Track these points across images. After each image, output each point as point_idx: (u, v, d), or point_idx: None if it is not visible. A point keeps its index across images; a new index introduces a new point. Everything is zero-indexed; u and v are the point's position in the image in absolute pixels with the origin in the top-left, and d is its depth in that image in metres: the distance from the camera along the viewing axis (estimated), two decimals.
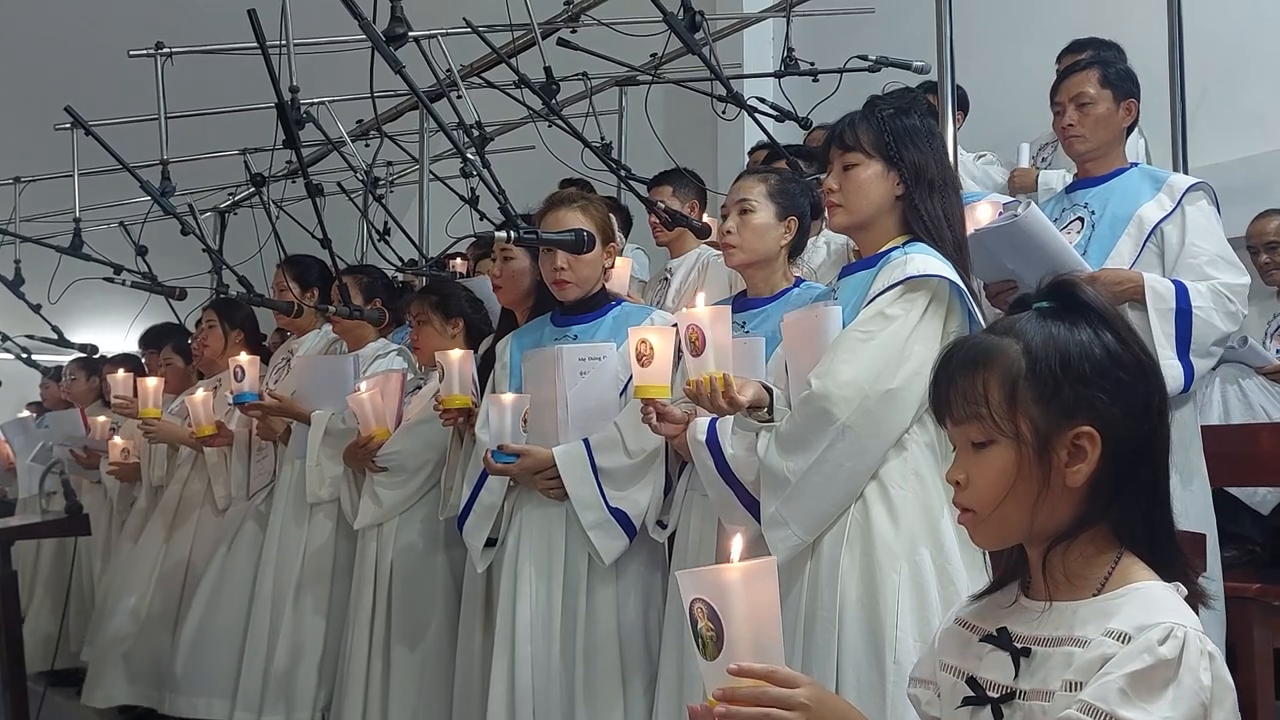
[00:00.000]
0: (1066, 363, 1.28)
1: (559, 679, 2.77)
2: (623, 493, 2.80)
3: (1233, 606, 2.85)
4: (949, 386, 1.33)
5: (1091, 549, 1.30)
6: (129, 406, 4.52)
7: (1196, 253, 2.89)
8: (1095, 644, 1.23)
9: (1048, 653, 1.28)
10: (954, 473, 1.33)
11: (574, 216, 2.88)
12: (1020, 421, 1.28)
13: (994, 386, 1.29)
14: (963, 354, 1.33)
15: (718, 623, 1.25)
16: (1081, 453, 1.27)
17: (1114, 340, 1.30)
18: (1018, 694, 1.29)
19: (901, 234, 2.30)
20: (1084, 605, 1.28)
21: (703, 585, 1.27)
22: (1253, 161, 4.51)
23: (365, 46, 3.00)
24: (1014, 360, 1.29)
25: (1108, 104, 3.04)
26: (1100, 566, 1.29)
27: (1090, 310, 1.31)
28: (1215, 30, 4.53)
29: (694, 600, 1.27)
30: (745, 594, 1.26)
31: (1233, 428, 3.22)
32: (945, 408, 1.34)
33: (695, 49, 3.43)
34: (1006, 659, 1.31)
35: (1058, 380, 1.27)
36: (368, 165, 5.06)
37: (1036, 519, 1.29)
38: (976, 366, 1.30)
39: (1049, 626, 1.29)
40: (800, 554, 2.20)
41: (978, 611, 1.42)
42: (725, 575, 1.26)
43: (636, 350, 2.29)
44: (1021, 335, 1.30)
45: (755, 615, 1.26)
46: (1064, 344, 1.28)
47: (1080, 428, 1.27)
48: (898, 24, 5.04)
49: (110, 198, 6.00)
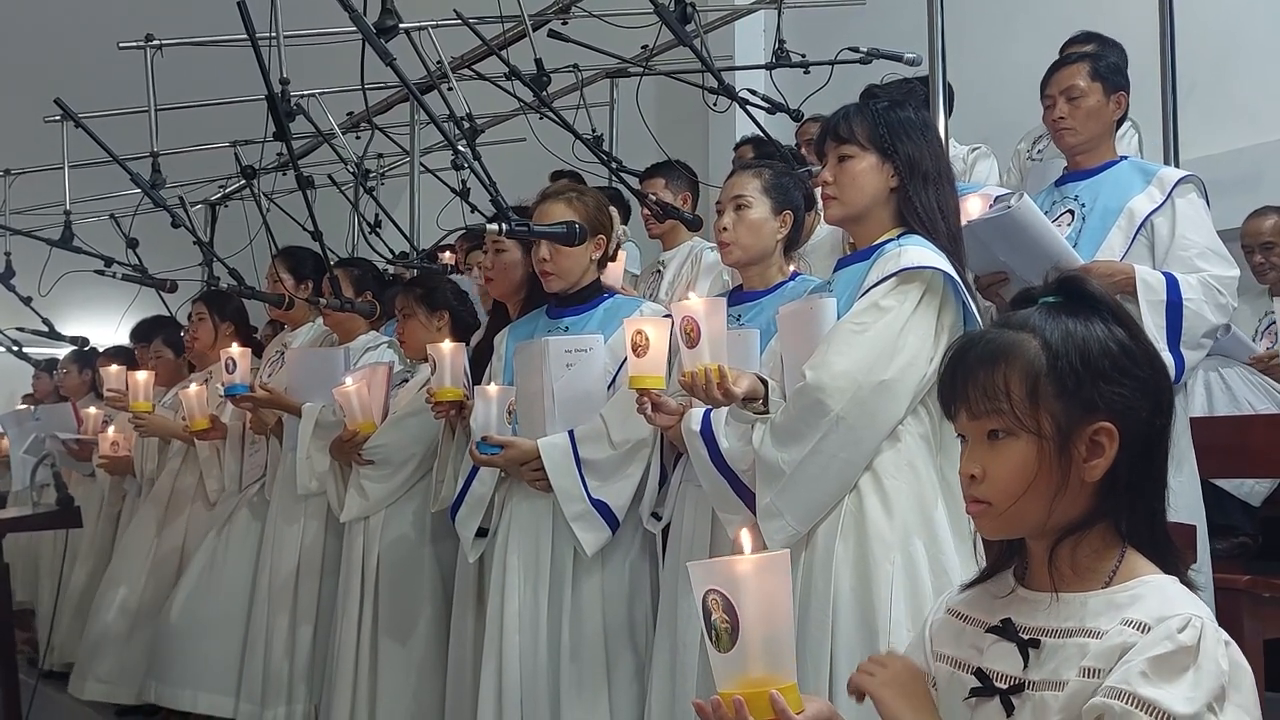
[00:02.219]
0: (1086, 359, 1.28)
1: (545, 671, 2.78)
2: (605, 484, 2.81)
3: (1222, 598, 2.86)
4: (968, 380, 1.32)
5: (1100, 542, 1.31)
6: (121, 400, 4.52)
7: (1187, 245, 2.90)
8: (1113, 633, 1.24)
9: (1058, 644, 1.29)
10: (969, 466, 1.33)
11: (562, 209, 2.88)
12: (1041, 417, 1.28)
13: (1015, 381, 1.29)
14: (981, 348, 1.33)
15: (733, 615, 1.26)
16: (1099, 448, 1.28)
17: (1126, 335, 1.31)
18: (1027, 685, 1.30)
19: (896, 226, 2.30)
20: (1093, 597, 1.29)
21: (718, 577, 1.28)
22: (1243, 154, 4.53)
23: (355, 38, 3.00)
24: (1035, 356, 1.29)
25: (1098, 97, 3.05)
26: (1107, 560, 1.31)
27: (1101, 305, 1.33)
28: (1205, 23, 4.53)
29: (708, 592, 1.27)
30: (760, 586, 1.26)
31: (1224, 419, 3.22)
32: (961, 401, 1.34)
33: (686, 41, 3.43)
34: (1013, 650, 1.32)
35: (1079, 376, 1.28)
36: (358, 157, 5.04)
37: (1053, 514, 1.30)
38: (997, 361, 1.31)
39: (1058, 618, 1.30)
40: (795, 544, 2.20)
41: (970, 601, 1.42)
42: (741, 567, 1.27)
43: (632, 341, 2.29)
44: (1038, 331, 1.31)
45: (769, 607, 1.27)
46: (1082, 340, 1.29)
47: (1100, 423, 1.28)
48: (889, 16, 5.04)
49: (101, 190, 5.97)
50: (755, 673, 1.27)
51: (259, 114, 3.48)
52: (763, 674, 1.27)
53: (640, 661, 2.81)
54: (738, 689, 1.28)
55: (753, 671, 1.27)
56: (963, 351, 1.36)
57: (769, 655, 1.28)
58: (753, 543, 1.31)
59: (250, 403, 3.90)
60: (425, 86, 3.75)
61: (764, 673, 1.27)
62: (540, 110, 3.63)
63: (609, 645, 2.81)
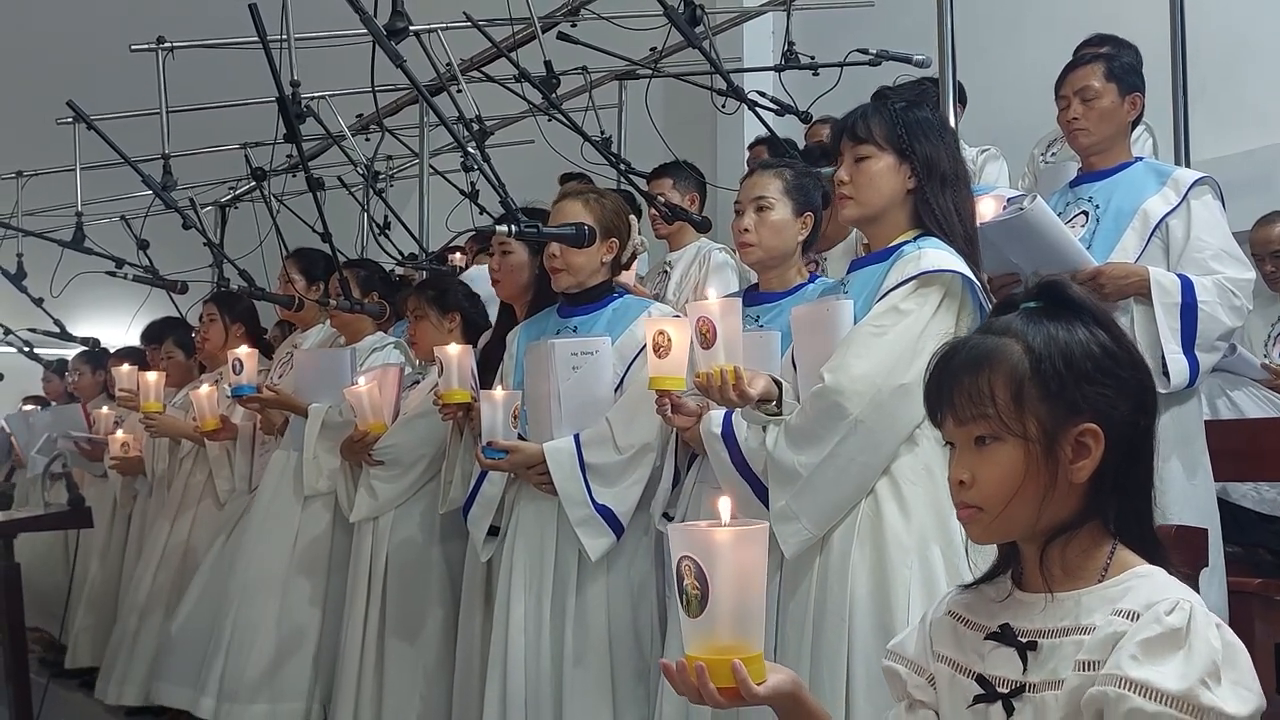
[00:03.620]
0: (1069, 361, 1.30)
1: (549, 674, 2.78)
2: (610, 489, 2.80)
3: (1234, 601, 2.86)
4: (953, 387, 1.34)
5: (1089, 541, 1.33)
6: (132, 400, 4.53)
7: (1201, 247, 2.89)
8: (1105, 624, 1.26)
9: (1055, 644, 1.30)
10: (957, 472, 1.34)
11: (578, 208, 2.88)
12: (1027, 420, 1.29)
13: (1000, 386, 1.30)
14: (964, 354, 1.34)
15: (704, 582, 1.27)
16: (1085, 449, 1.29)
17: (1108, 338, 1.33)
18: (1027, 687, 1.31)
19: (912, 228, 2.29)
20: (1087, 594, 1.31)
21: (693, 544, 1.29)
22: (1253, 155, 4.51)
23: (366, 40, 3.00)
24: (1018, 360, 1.30)
25: (1112, 98, 3.03)
26: (1098, 558, 1.32)
27: (1082, 309, 1.34)
28: (1216, 24, 4.53)
29: (682, 557, 1.29)
30: (733, 556, 1.27)
31: (1239, 422, 3.21)
32: (947, 407, 1.35)
33: (695, 43, 3.43)
34: (1013, 654, 1.33)
35: (1062, 378, 1.29)
36: (368, 159, 5.06)
37: (1042, 516, 1.31)
38: (980, 366, 1.32)
39: (1053, 618, 1.32)
40: (810, 548, 2.20)
41: (969, 604, 1.43)
42: (715, 536, 1.28)
43: (654, 341, 2.27)
44: (1020, 335, 1.32)
45: (741, 578, 1.28)
46: (1064, 343, 1.31)
47: (1084, 425, 1.29)
48: (898, 17, 5.03)
49: (112, 192, 5.99)
50: (723, 640, 1.29)
51: (269, 116, 3.49)
52: (729, 641, 1.28)
53: (644, 665, 2.81)
54: (703, 655, 1.29)
55: (720, 639, 1.29)
56: (946, 359, 1.37)
57: (737, 624, 1.29)
58: (731, 511, 1.31)
59: (257, 403, 3.90)
60: (435, 88, 3.75)
61: (731, 640, 1.29)
62: (549, 112, 3.63)
63: (613, 649, 2.80)
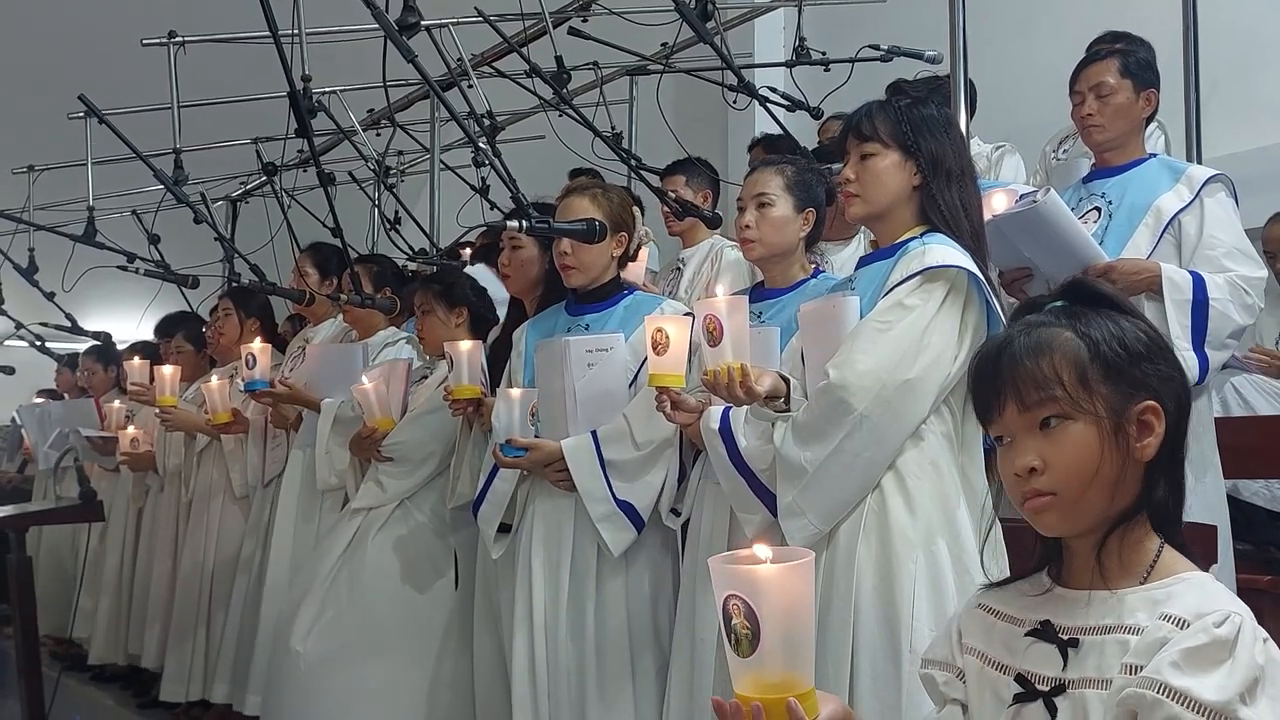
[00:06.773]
0: (1123, 343, 1.31)
1: (568, 668, 2.79)
2: (630, 485, 2.80)
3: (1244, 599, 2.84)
4: (1013, 374, 1.33)
5: (1142, 532, 1.33)
6: (145, 394, 4.55)
7: (1214, 244, 2.88)
8: (1153, 629, 1.26)
9: (1097, 641, 1.30)
10: (1024, 460, 1.31)
11: (586, 204, 2.88)
12: (1095, 400, 1.30)
13: (1065, 368, 1.31)
14: (1020, 343, 1.34)
15: (754, 621, 1.23)
16: (1149, 427, 1.30)
17: (1146, 325, 1.35)
18: (1067, 685, 1.31)
19: (919, 224, 2.29)
20: (1130, 594, 1.30)
21: (740, 582, 1.24)
22: (1266, 152, 4.49)
23: (377, 35, 3.00)
24: (1076, 345, 1.32)
25: (1127, 94, 3.02)
26: (1145, 554, 1.32)
27: (1114, 301, 1.36)
28: (1228, 20, 4.51)
29: (729, 595, 1.25)
30: (783, 592, 1.24)
31: (1250, 420, 3.21)
32: (1010, 397, 1.33)
33: (706, 38, 3.42)
34: (1053, 651, 1.33)
35: (1120, 359, 1.31)
36: (379, 154, 5.06)
37: (1115, 501, 1.31)
38: (1042, 351, 1.32)
39: (1095, 616, 1.31)
40: (816, 544, 2.19)
41: (1003, 598, 1.42)
42: (763, 573, 1.24)
43: (653, 339, 2.28)
44: (1068, 325, 1.33)
45: (791, 615, 1.24)
46: (1113, 328, 1.33)
47: (1146, 402, 1.30)
48: (910, 13, 5.01)
49: (123, 186, 6.02)
50: (774, 677, 1.25)
51: (280, 111, 3.48)
52: (780, 678, 1.25)
53: (664, 659, 2.80)
54: (755, 692, 1.26)
55: (771, 676, 1.25)
56: (997, 352, 1.36)
57: (788, 660, 1.25)
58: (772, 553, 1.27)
59: (269, 398, 3.91)
60: (446, 84, 3.75)
61: (782, 677, 1.25)
62: (560, 107, 3.62)
63: (633, 644, 2.81)
